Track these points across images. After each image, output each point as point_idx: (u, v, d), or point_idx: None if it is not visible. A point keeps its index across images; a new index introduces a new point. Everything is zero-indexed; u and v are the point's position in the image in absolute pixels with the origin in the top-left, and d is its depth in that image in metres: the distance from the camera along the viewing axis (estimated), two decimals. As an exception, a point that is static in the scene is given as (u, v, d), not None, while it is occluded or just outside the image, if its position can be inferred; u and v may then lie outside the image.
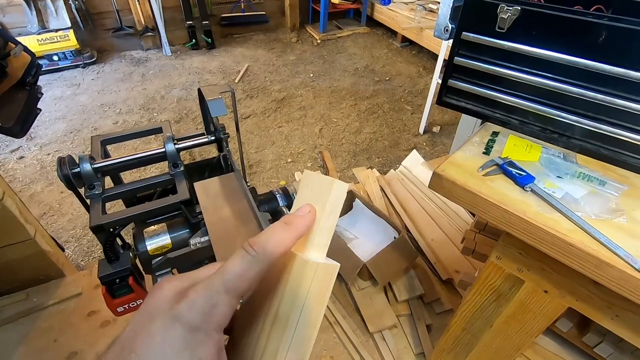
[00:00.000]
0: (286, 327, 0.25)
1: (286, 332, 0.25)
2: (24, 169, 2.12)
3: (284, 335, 0.25)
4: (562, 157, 0.67)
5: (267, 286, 0.26)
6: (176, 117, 2.57)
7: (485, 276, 0.75)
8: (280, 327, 0.25)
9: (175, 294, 0.23)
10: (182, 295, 0.22)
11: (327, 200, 0.26)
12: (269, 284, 0.26)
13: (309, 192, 0.27)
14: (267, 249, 0.24)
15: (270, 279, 0.26)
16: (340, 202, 0.26)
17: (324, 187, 0.26)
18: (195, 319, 0.21)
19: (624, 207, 0.58)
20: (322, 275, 0.26)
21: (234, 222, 0.81)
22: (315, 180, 0.27)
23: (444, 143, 2.37)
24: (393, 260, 1.33)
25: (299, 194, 0.28)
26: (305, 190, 0.27)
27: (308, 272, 0.25)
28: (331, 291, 0.27)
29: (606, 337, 0.72)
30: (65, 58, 3.04)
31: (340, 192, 0.26)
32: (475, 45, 0.70)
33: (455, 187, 0.64)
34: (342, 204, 0.27)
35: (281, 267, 0.26)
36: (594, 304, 0.61)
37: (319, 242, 0.26)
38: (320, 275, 0.25)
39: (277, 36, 3.81)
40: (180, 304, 0.22)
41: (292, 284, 0.25)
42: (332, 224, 0.27)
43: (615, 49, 0.57)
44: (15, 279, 1.35)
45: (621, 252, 0.51)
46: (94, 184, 0.86)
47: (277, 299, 0.26)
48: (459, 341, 0.93)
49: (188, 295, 0.22)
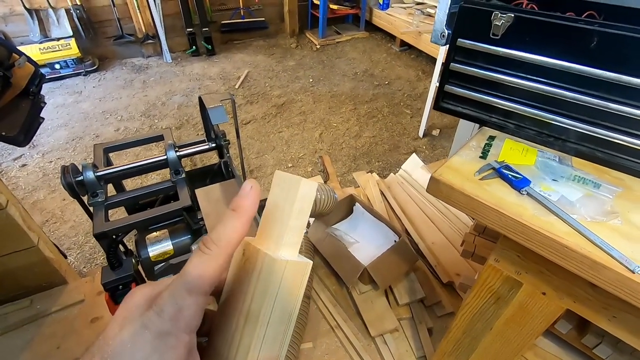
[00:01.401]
0: (257, 323, 0.26)
1: (258, 328, 0.26)
2: (26, 176, 2.14)
3: (256, 331, 0.26)
4: (558, 161, 0.68)
5: (240, 285, 0.27)
6: (177, 124, 2.59)
7: (484, 279, 0.76)
8: (252, 323, 0.26)
9: (146, 301, 0.24)
10: (152, 302, 0.23)
11: (296, 199, 0.26)
12: (242, 283, 0.27)
13: (279, 191, 0.27)
14: (220, 242, 0.25)
15: (243, 278, 0.27)
16: (309, 200, 0.27)
17: (292, 186, 0.27)
18: (164, 325, 0.22)
19: (618, 209, 0.59)
20: (292, 272, 0.26)
21: (235, 228, 0.82)
22: (285, 180, 0.27)
23: (444, 146, 2.38)
24: (394, 263, 1.34)
25: (270, 193, 0.28)
26: (276, 190, 0.28)
27: (277, 269, 0.25)
28: (304, 288, 0.28)
29: (605, 338, 0.72)
30: (67, 66, 3.07)
31: (308, 191, 0.27)
32: (470, 51, 0.71)
33: (453, 192, 0.65)
34: (312, 202, 0.27)
35: (252, 266, 0.27)
36: (592, 305, 0.62)
37: (289, 240, 0.27)
38: (290, 272, 0.26)
39: (276, 42, 3.84)
40: (149, 311, 0.23)
41: (262, 281, 0.26)
42: (302, 223, 0.27)
43: (607, 54, 0.58)
44: (19, 286, 1.36)
45: (616, 253, 0.52)
46: (97, 192, 0.87)
47: (249, 296, 0.26)
48: (460, 344, 0.93)
49: (156, 302, 0.23)
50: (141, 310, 0.23)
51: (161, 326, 0.22)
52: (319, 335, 1.30)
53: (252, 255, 0.27)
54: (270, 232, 0.27)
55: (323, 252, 1.44)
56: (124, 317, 0.23)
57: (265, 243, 0.27)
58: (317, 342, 1.28)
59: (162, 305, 0.23)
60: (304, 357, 1.24)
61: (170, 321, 0.22)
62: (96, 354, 0.22)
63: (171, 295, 0.23)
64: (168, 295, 0.23)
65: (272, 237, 0.27)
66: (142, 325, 0.22)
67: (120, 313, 0.24)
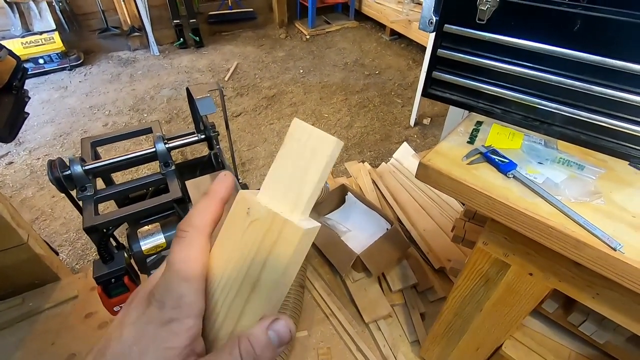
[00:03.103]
0: (270, 292, 0.24)
1: (268, 296, 0.24)
2: (13, 174, 2.10)
3: (266, 298, 0.24)
4: (543, 144, 0.69)
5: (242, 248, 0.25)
6: (166, 117, 2.56)
7: (474, 262, 0.77)
8: (264, 292, 0.24)
9: (144, 301, 0.24)
10: (149, 300, 0.23)
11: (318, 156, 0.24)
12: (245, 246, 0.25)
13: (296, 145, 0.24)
14: (194, 223, 0.25)
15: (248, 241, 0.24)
16: (332, 160, 0.24)
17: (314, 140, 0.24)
18: (166, 315, 0.22)
19: (601, 189, 0.60)
20: (308, 240, 0.24)
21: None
22: (305, 132, 0.24)
23: (435, 135, 2.39)
24: (386, 251, 1.36)
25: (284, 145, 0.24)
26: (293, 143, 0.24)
27: (296, 238, 0.23)
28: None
29: (590, 315, 0.75)
30: (51, 61, 3.00)
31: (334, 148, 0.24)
32: (457, 37, 0.71)
33: (441, 177, 0.65)
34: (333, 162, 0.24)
35: (264, 232, 0.24)
36: (576, 284, 0.64)
37: (308, 205, 0.24)
38: (306, 240, 0.24)
39: (265, 33, 3.79)
40: (149, 307, 0.23)
41: (278, 249, 0.24)
42: (322, 184, 0.25)
43: (590, 37, 0.59)
44: (10, 284, 1.35)
45: (599, 232, 0.53)
46: (86, 186, 0.86)
47: (258, 263, 0.24)
48: (451, 326, 0.95)
49: (154, 297, 0.23)
50: (141, 309, 0.23)
51: (164, 316, 0.22)
52: (313, 324, 1.32)
53: (264, 218, 0.24)
54: (284, 192, 0.24)
55: (316, 241, 1.45)
56: (125, 322, 0.23)
57: (278, 205, 0.24)
58: (312, 330, 1.30)
59: (161, 299, 0.23)
60: (299, 345, 1.25)
61: (172, 310, 0.23)
62: (99, 357, 0.22)
63: (166, 288, 0.23)
64: (164, 288, 0.23)
65: (287, 199, 0.24)
66: (145, 322, 0.22)
67: (120, 318, 0.24)
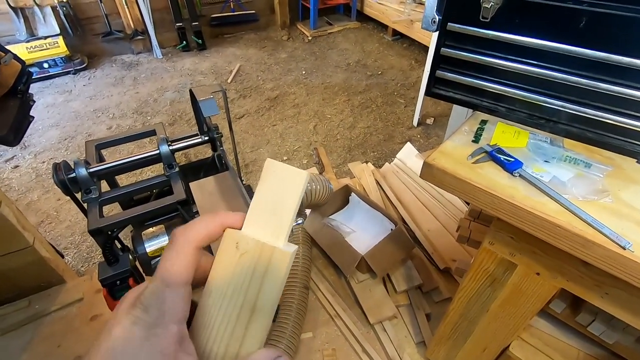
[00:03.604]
0: (267, 315, 0.26)
1: (267, 320, 0.26)
2: (19, 177, 2.12)
3: (265, 322, 0.26)
4: (549, 142, 0.69)
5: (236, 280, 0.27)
6: (170, 120, 2.57)
7: (479, 262, 0.77)
8: (262, 316, 0.26)
9: (133, 302, 0.25)
10: (137, 301, 0.24)
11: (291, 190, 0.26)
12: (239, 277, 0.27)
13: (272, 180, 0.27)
14: (187, 233, 0.26)
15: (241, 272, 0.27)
16: (302, 190, 0.27)
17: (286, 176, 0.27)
18: (150, 319, 0.23)
19: (609, 187, 0.59)
20: (291, 261, 0.27)
21: (231, 220, 0.82)
22: (278, 170, 0.27)
23: (438, 134, 2.39)
24: (390, 251, 1.35)
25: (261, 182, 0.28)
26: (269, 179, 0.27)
27: (285, 261, 0.26)
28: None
29: (598, 315, 0.74)
30: (55, 65, 3.02)
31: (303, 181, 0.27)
32: (460, 35, 0.71)
33: (446, 176, 0.65)
34: (303, 191, 0.27)
35: (255, 260, 0.26)
36: (584, 283, 0.63)
37: (287, 231, 0.27)
38: (290, 261, 0.27)
39: (267, 34, 3.80)
40: (135, 309, 0.24)
41: (270, 275, 0.26)
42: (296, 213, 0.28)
43: (595, 33, 0.58)
44: (16, 287, 1.36)
45: (607, 231, 0.52)
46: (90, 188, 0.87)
47: (254, 290, 0.26)
48: (457, 327, 0.95)
49: (140, 299, 0.24)
50: (128, 310, 0.24)
51: (148, 320, 0.23)
52: (318, 325, 1.31)
53: (253, 249, 0.26)
54: (266, 222, 0.27)
55: (320, 242, 1.45)
56: (113, 322, 0.24)
57: (264, 235, 0.27)
58: (317, 331, 1.29)
59: (145, 302, 0.24)
60: (304, 347, 1.25)
61: (156, 315, 0.24)
62: (90, 352, 0.23)
63: (152, 292, 0.24)
64: (149, 291, 0.24)
65: (270, 228, 0.27)
66: (131, 323, 0.23)
67: (111, 318, 0.25)
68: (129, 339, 0.23)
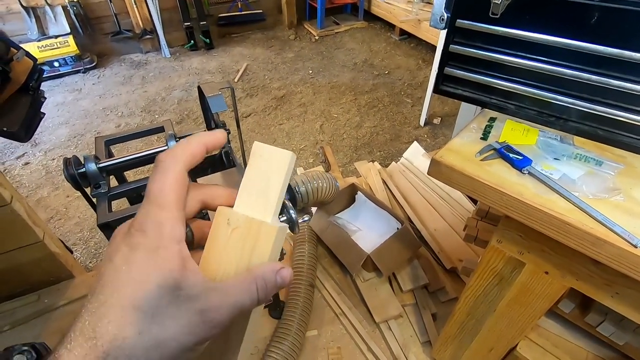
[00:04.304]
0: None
1: None
2: (29, 174, 2.15)
3: None
4: (559, 140, 0.68)
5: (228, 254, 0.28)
6: (177, 119, 2.59)
7: (487, 260, 0.76)
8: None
9: (126, 231, 0.24)
10: (131, 228, 0.24)
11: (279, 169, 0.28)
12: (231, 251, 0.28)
13: (259, 162, 0.29)
14: (173, 154, 0.26)
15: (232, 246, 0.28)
16: (290, 169, 0.28)
17: (273, 156, 0.28)
18: (151, 242, 0.23)
19: (620, 185, 0.58)
20: (282, 236, 0.28)
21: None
22: (265, 151, 0.29)
23: (445, 134, 2.37)
24: (396, 250, 1.35)
25: (250, 164, 0.29)
26: (257, 161, 0.29)
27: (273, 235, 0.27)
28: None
29: (608, 316, 0.73)
30: (65, 64, 3.06)
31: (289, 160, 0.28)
32: (469, 32, 0.70)
33: (454, 173, 0.65)
34: (291, 171, 0.29)
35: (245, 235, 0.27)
36: (594, 282, 0.62)
37: (276, 209, 0.28)
38: (281, 236, 0.28)
39: (274, 34, 3.81)
40: (132, 236, 0.23)
41: (259, 248, 0.27)
42: (284, 191, 0.29)
43: (607, 29, 0.57)
44: (26, 282, 1.38)
45: (618, 229, 0.52)
46: (100, 183, 0.88)
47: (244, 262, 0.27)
48: (464, 327, 0.94)
49: (134, 225, 0.24)
50: (125, 237, 0.24)
51: (149, 243, 0.23)
52: (323, 323, 1.31)
53: (243, 225, 0.27)
54: (255, 200, 0.28)
55: (326, 241, 1.45)
56: (111, 252, 0.24)
57: (252, 212, 0.28)
58: (322, 329, 1.29)
59: (142, 225, 0.23)
60: (309, 345, 1.25)
61: (155, 237, 0.23)
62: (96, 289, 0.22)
63: (146, 215, 0.24)
64: (143, 215, 0.24)
65: (259, 206, 0.28)
66: (130, 248, 0.23)
67: (106, 253, 0.24)
68: (133, 264, 0.22)
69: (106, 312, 0.21)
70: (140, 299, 0.21)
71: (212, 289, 0.24)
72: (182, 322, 0.22)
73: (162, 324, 0.21)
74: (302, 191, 1.04)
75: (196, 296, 0.23)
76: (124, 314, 0.21)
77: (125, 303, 0.21)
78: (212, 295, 0.23)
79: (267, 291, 0.26)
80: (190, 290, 0.23)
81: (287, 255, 1.44)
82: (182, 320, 0.22)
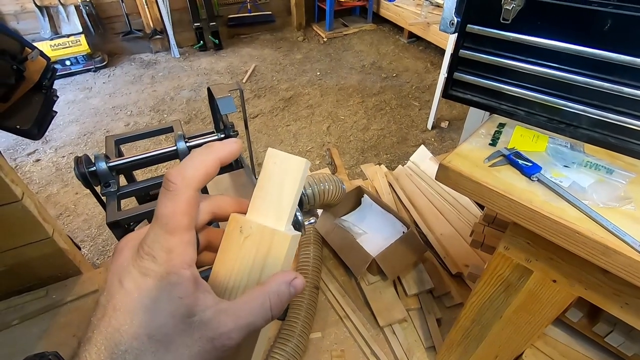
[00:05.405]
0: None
1: None
2: (40, 171, 2.18)
3: None
4: (569, 147, 0.67)
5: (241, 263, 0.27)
6: (186, 118, 2.61)
7: (494, 267, 0.76)
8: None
9: (135, 252, 0.24)
10: (140, 251, 0.24)
11: (292, 176, 0.27)
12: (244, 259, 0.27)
13: (273, 168, 0.28)
14: (185, 175, 0.24)
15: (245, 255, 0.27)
16: (303, 177, 0.28)
17: (287, 163, 0.28)
18: (161, 269, 0.23)
19: (632, 194, 0.58)
20: (294, 244, 0.28)
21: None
22: (279, 158, 0.28)
23: (453, 138, 2.36)
24: (402, 254, 1.34)
25: (263, 170, 0.28)
26: (271, 167, 0.28)
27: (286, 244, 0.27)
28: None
29: (617, 326, 0.72)
30: (77, 62, 3.11)
31: (304, 168, 0.28)
32: (480, 37, 0.70)
33: (462, 178, 0.64)
34: (304, 178, 0.28)
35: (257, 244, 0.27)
36: (603, 292, 0.62)
37: (290, 216, 0.28)
38: (293, 245, 0.28)
39: (283, 35, 3.83)
40: (142, 260, 0.23)
41: (272, 258, 0.27)
42: (298, 199, 0.28)
43: (621, 36, 0.57)
44: (34, 277, 1.40)
45: (629, 238, 0.51)
46: (110, 182, 0.89)
47: (256, 271, 0.27)
48: (469, 333, 0.93)
49: (144, 250, 0.23)
50: (134, 261, 0.23)
51: (159, 270, 0.23)
52: (327, 325, 1.31)
53: (255, 233, 0.27)
54: (268, 208, 0.28)
55: (331, 243, 1.45)
56: (121, 272, 0.23)
57: (265, 219, 0.28)
58: (326, 332, 1.29)
59: (151, 250, 0.23)
60: (313, 347, 1.25)
61: (165, 264, 0.23)
62: (108, 308, 0.22)
63: (156, 241, 0.23)
64: (152, 240, 0.23)
65: (272, 213, 0.28)
66: (142, 274, 0.23)
67: (115, 270, 0.24)
68: (145, 291, 0.22)
69: (121, 340, 0.21)
70: (154, 328, 0.22)
71: (223, 311, 0.24)
72: (194, 350, 0.22)
73: (176, 352, 0.22)
74: (309, 193, 1.05)
75: (208, 321, 0.23)
76: (140, 344, 0.21)
77: (139, 332, 0.22)
78: (224, 319, 0.23)
79: (281, 306, 0.26)
80: (202, 314, 0.23)
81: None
82: (195, 348, 0.22)
